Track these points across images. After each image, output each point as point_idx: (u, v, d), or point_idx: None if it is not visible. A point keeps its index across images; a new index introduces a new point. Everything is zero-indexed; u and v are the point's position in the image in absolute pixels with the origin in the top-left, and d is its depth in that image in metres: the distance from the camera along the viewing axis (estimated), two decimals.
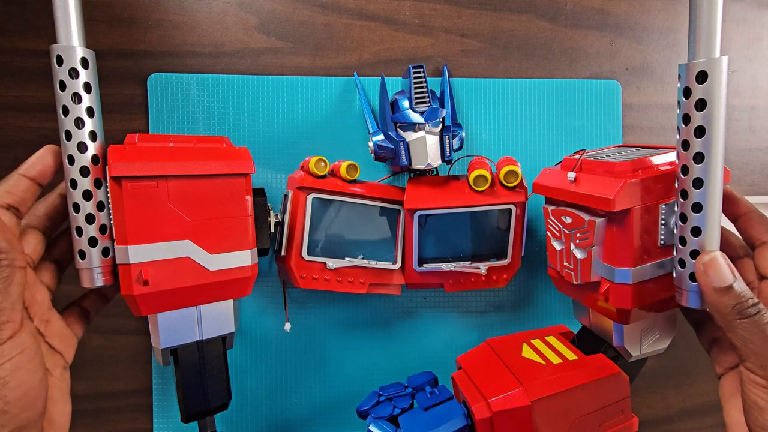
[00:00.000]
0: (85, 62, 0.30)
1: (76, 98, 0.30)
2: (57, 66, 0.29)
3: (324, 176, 0.40)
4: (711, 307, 0.28)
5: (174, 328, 0.34)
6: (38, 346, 0.26)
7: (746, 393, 0.28)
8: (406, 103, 0.40)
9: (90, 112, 0.30)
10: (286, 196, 0.41)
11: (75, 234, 0.30)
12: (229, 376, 0.37)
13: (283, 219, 0.40)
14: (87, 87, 0.30)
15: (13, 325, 0.24)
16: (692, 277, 0.30)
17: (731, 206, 0.33)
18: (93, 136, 0.30)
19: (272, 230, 0.40)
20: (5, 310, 0.24)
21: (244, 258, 0.35)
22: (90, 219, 0.30)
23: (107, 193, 0.31)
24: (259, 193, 0.39)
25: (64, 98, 0.30)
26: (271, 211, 0.40)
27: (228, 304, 0.36)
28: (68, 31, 0.30)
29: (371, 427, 0.34)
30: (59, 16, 0.29)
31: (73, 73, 0.30)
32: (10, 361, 0.24)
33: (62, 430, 0.29)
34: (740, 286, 0.27)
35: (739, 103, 0.51)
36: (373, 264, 0.42)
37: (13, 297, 0.25)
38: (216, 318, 0.36)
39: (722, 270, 0.27)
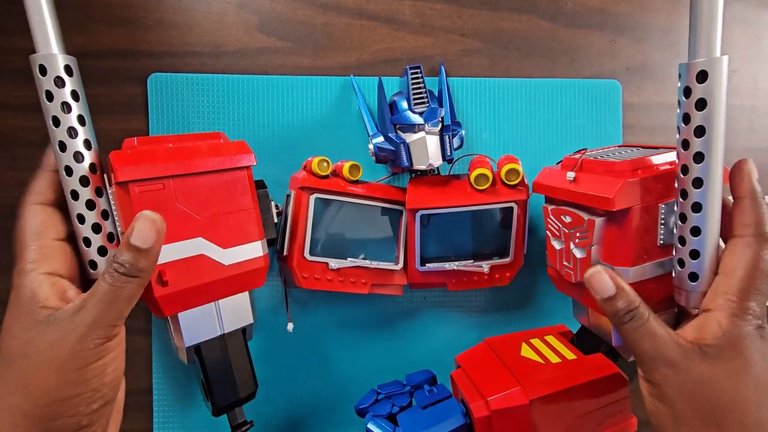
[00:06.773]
0: (69, 70, 0.29)
1: (66, 107, 0.28)
2: (41, 76, 0.28)
3: (327, 176, 0.40)
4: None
5: (196, 325, 0.35)
6: (124, 340, 0.31)
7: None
8: (404, 104, 0.40)
9: (81, 120, 0.29)
10: (288, 195, 0.41)
11: (83, 245, 0.30)
12: (253, 365, 0.38)
13: (285, 218, 0.40)
14: (75, 95, 0.29)
15: (121, 326, 0.30)
16: (692, 276, 0.30)
17: (736, 183, 0.30)
18: (88, 144, 0.29)
19: (276, 220, 0.40)
20: (124, 316, 0.29)
21: (255, 249, 0.36)
22: (96, 228, 0.30)
23: (109, 201, 0.31)
24: (259, 185, 0.39)
25: (53, 109, 0.28)
26: (273, 202, 0.40)
27: (244, 296, 0.37)
28: (46, 38, 0.28)
29: (370, 425, 0.34)
30: (35, 24, 0.28)
31: (59, 82, 0.28)
32: (112, 353, 0.29)
33: (119, 404, 0.33)
34: (621, 299, 0.29)
35: (740, 103, 0.51)
36: (375, 264, 0.42)
37: (131, 306, 0.29)
38: (235, 311, 0.36)
39: (604, 284, 0.30)
